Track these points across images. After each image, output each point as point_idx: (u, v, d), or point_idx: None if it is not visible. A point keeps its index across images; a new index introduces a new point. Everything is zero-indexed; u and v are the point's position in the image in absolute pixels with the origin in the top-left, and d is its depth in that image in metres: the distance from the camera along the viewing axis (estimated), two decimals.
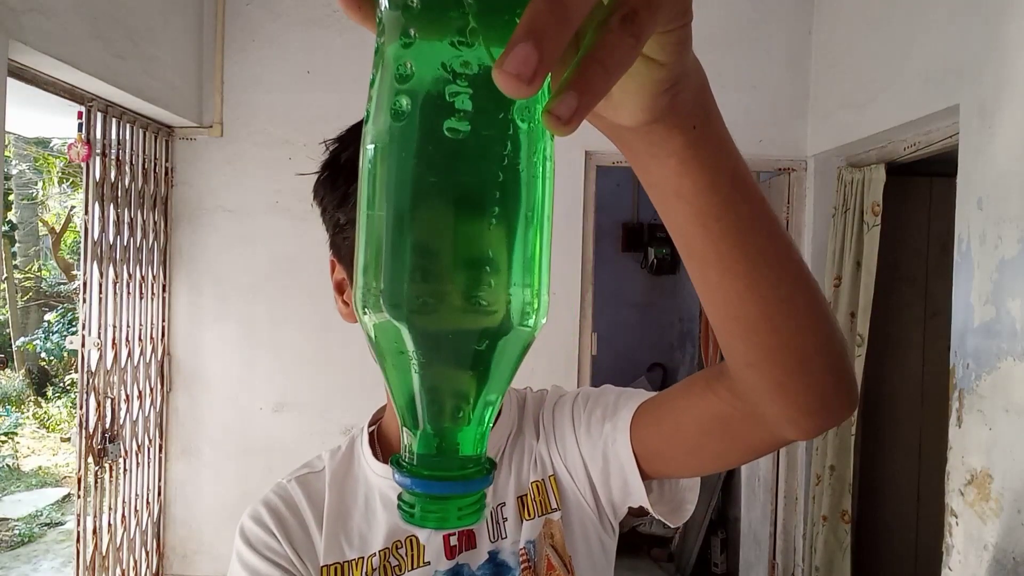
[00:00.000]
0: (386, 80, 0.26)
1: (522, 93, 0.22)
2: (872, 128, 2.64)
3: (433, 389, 0.27)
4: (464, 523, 0.28)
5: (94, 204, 2.65)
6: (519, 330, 0.27)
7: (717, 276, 0.44)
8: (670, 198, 0.40)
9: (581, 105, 0.24)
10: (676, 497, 0.74)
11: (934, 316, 3.08)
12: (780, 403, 0.51)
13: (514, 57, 0.22)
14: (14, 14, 1.99)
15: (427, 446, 0.28)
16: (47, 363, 8.25)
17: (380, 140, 0.26)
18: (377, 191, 0.26)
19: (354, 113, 2.04)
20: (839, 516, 2.86)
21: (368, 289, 0.26)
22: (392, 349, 0.27)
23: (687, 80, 0.34)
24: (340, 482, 0.78)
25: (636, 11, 0.25)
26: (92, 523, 2.66)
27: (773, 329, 0.46)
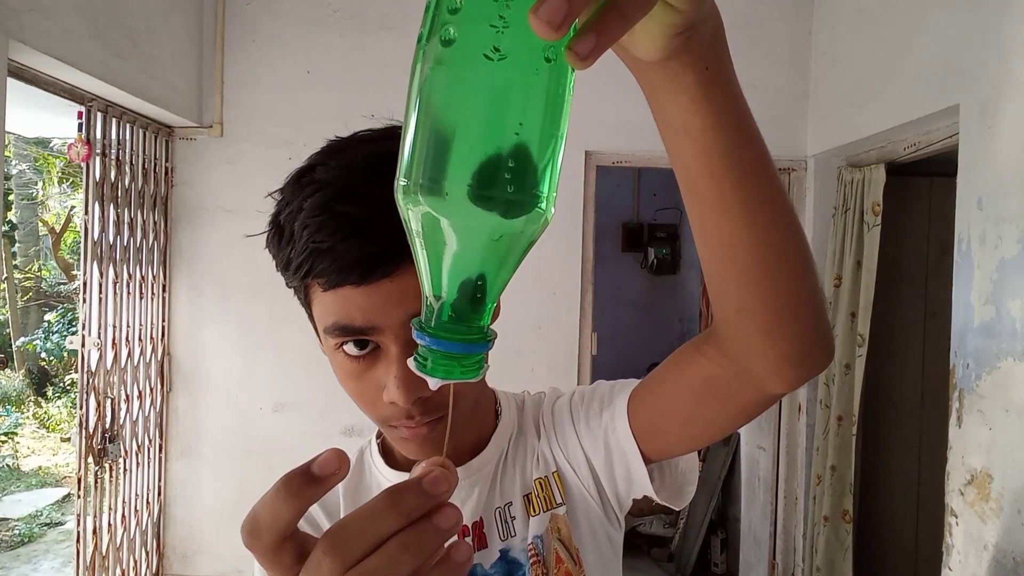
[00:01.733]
0: (440, 10, 0.30)
1: (551, 37, 0.26)
2: (872, 128, 2.64)
3: (458, 269, 0.33)
4: (466, 377, 0.34)
5: (94, 204, 2.65)
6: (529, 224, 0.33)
7: (716, 216, 0.47)
8: (680, 135, 0.43)
9: (598, 45, 0.28)
10: (677, 481, 0.76)
11: (934, 316, 3.08)
12: (766, 353, 0.55)
13: (547, 6, 0.26)
14: (14, 14, 1.99)
15: (446, 314, 0.34)
16: (47, 363, 8.25)
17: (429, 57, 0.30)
18: (420, 100, 0.31)
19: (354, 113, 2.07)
20: (840, 516, 2.86)
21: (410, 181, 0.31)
22: (427, 233, 0.32)
23: (702, 25, 0.37)
24: (353, 491, 0.79)
25: None
26: (92, 523, 2.66)
27: (765, 272, 0.49)
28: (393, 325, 0.60)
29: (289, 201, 0.65)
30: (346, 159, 0.63)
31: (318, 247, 0.60)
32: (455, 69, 0.30)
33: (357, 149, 0.64)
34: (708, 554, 4.00)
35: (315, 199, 0.61)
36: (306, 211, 0.61)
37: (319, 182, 0.62)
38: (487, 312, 0.35)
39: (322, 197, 0.61)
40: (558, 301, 3.15)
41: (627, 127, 3.12)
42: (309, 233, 0.61)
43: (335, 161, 0.63)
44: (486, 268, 0.33)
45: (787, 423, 3.26)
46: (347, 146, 0.65)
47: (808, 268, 0.51)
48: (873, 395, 3.06)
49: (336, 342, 0.63)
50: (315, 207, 0.61)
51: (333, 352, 0.65)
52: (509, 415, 0.82)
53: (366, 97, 3.10)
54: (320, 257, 0.60)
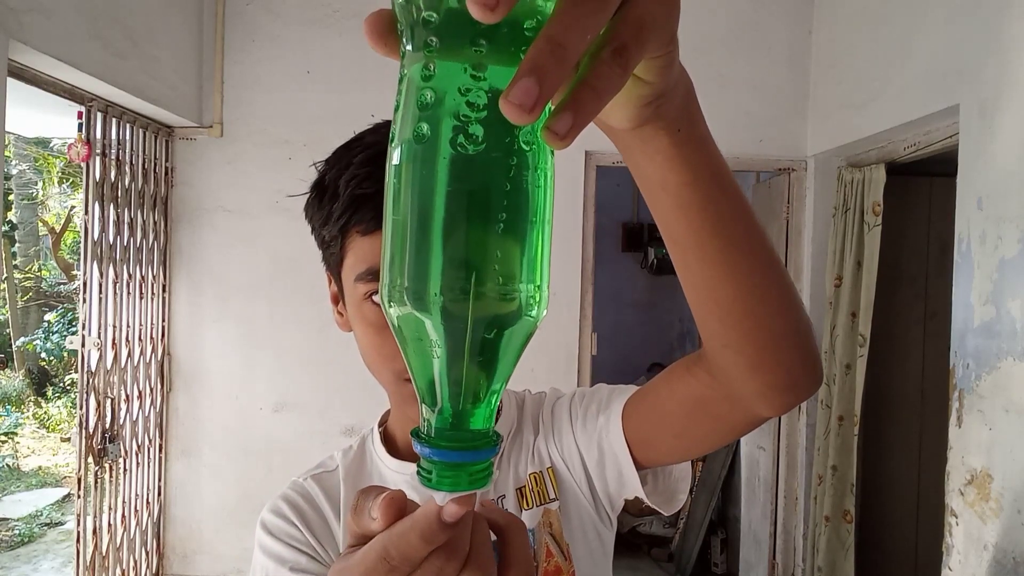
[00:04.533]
0: (409, 106, 0.30)
1: (524, 120, 0.26)
2: (872, 128, 2.64)
3: (449, 372, 0.32)
4: (475, 487, 0.33)
5: (94, 204, 2.65)
6: (524, 320, 0.31)
7: (696, 262, 0.49)
8: (657, 190, 0.45)
9: (575, 124, 0.27)
10: (669, 487, 0.77)
11: (934, 316, 3.08)
12: (754, 381, 0.56)
13: (518, 89, 0.26)
14: (14, 14, 1.99)
15: (443, 421, 0.32)
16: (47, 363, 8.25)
17: (404, 158, 0.30)
18: (401, 201, 0.30)
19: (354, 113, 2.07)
20: (841, 516, 2.86)
21: (394, 284, 0.30)
22: (414, 337, 0.31)
23: (672, 92, 0.38)
24: (354, 477, 0.81)
25: (626, 45, 0.29)
26: (92, 523, 2.66)
27: (747, 312, 0.51)
28: None
29: (336, 163, 0.70)
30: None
31: (363, 193, 0.65)
32: (429, 165, 0.29)
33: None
34: (708, 554, 4.00)
35: (362, 156, 0.66)
36: (353, 166, 0.66)
37: (367, 144, 0.67)
38: (490, 414, 0.33)
39: (371, 152, 0.66)
40: (558, 301, 3.15)
41: None
42: (356, 183, 0.66)
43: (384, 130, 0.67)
44: (483, 369, 0.32)
45: (787, 423, 3.26)
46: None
47: (791, 305, 0.52)
48: (873, 395, 3.06)
49: (366, 290, 0.67)
50: (362, 162, 0.66)
51: (360, 304, 0.69)
52: (509, 412, 0.84)
53: (366, 97, 3.09)
54: (363, 203, 0.65)
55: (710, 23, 3.14)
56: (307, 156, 3.18)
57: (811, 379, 0.56)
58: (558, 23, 0.26)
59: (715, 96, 3.10)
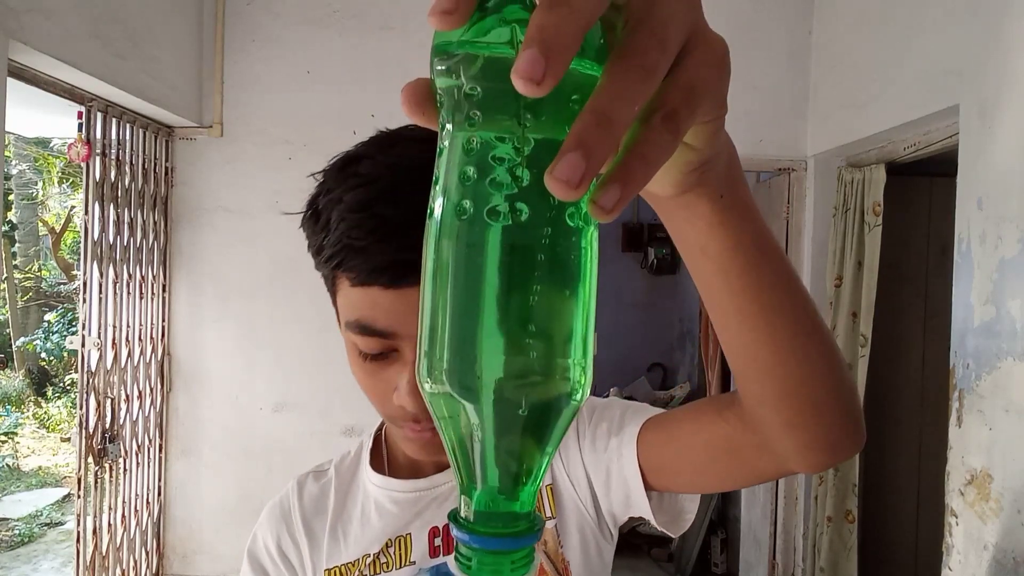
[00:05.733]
0: (450, 180, 0.28)
1: (571, 197, 0.24)
2: (872, 128, 2.64)
3: (489, 456, 0.30)
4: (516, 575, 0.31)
5: (94, 204, 2.65)
6: (572, 403, 0.30)
7: (737, 325, 0.48)
8: (697, 255, 0.44)
9: (623, 196, 0.26)
10: (676, 507, 0.75)
11: (934, 316, 3.08)
12: (790, 439, 0.54)
13: (564, 164, 0.24)
14: (14, 14, 1.99)
15: (482, 505, 0.31)
16: (47, 363, 8.25)
17: (445, 234, 0.28)
18: (438, 277, 0.29)
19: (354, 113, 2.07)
20: (843, 516, 2.86)
21: (433, 364, 0.29)
22: (451, 419, 0.30)
23: (717, 158, 0.37)
24: (345, 488, 0.81)
25: (677, 110, 0.27)
26: (92, 523, 2.66)
27: (787, 374, 0.50)
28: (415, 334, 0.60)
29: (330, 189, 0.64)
30: (394, 156, 0.61)
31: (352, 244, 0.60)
32: (472, 242, 0.28)
33: (407, 147, 0.62)
34: (708, 554, 4.00)
35: (356, 194, 0.60)
36: (346, 204, 0.61)
37: (363, 176, 0.61)
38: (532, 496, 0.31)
39: (363, 193, 0.60)
40: None
41: None
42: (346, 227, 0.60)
43: (382, 156, 0.62)
44: (527, 454, 0.30)
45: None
46: (396, 141, 0.64)
47: (833, 367, 0.51)
48: (873, 395, 3.06)
49: (355, 340, 0.64)
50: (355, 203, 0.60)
51: (350, 347, 0.66)
52: None
53: (366, 97, 3.10)
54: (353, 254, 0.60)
55: (710, 23, 3.13)
56: (307, 156, 3.18)
57: (852, 440, 0.55)
58: (605, 94, 0.25)
59: None
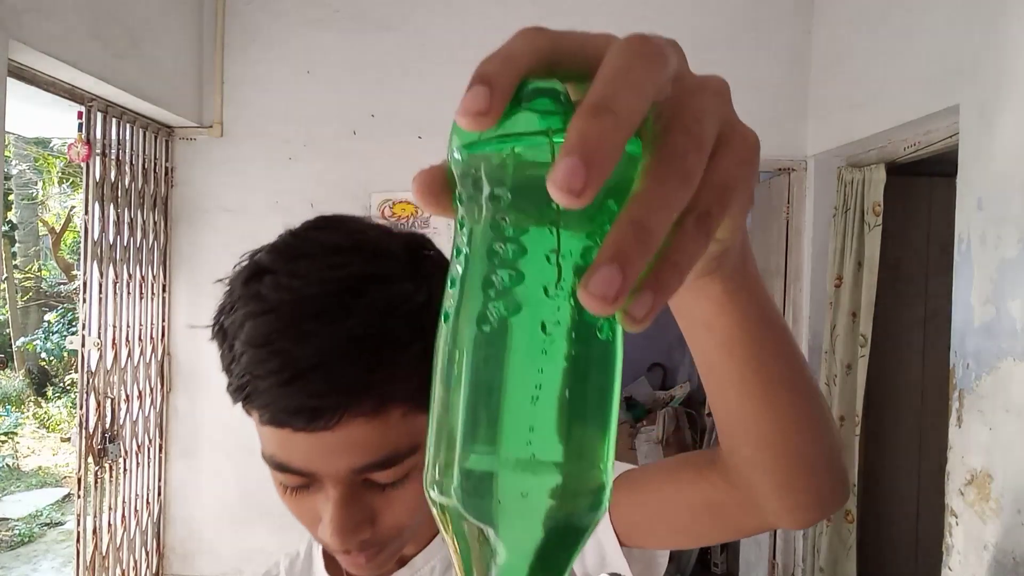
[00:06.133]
0: (471, 287, 0.26)
1: (606, 312, 0.23)
2: (872, 128, 2.64)
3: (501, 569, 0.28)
4: None
5: (94, 204, 2.65)
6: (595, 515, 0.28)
7: (736, 396, 0.47)
8: (701, 331, 0.43)
9: (655, 305, 0.24)
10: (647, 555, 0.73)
11: (934, 316, 3.08)
12: (780, 500, 0.55)
13: (599, 279, 0.22)
14: (14, 14, 1.99)
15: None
16: (47, 363, 8.25)
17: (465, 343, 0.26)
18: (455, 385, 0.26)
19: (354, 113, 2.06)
20: (843, 516, 2.86)
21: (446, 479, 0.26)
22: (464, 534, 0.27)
23: (734, 246, 0.36)
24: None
25: (710, 212, 0.26)
26: (92, 523, 2.66)
27: (784, 441, 0.50)
28: (332, 473, 0.56)
29: (234, 306, 0.59)
30: (299, 276, 0.56)
31: (256, 383, 0.55)
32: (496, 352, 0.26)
33: (314, 263, 0.56)
34: (708, 554, 4.00)
35: (257, 324, 0.55)
36: (247, 333, 0.56)
37: (265, 300, 0.56)
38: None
39: (265, 325, 0.55)
40: None
41: None
42: (248, 362, 0.55)
43: (286, 276, 0.56)
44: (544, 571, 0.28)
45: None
46: (306, 251, 0.58)
47: (827, 431, 0.52)
48: (873, 395, 3.06)
49: (273, 472, 0.59)
50: (256, 336, 0.55)
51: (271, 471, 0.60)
52: None
53: (366, 97, 3.10)
54: (258, 393, 0.56)
55: (710, 23, 3.14)
56: (307, 156, 3.18)
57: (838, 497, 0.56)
58: (644, 203, 0.23)
59: None
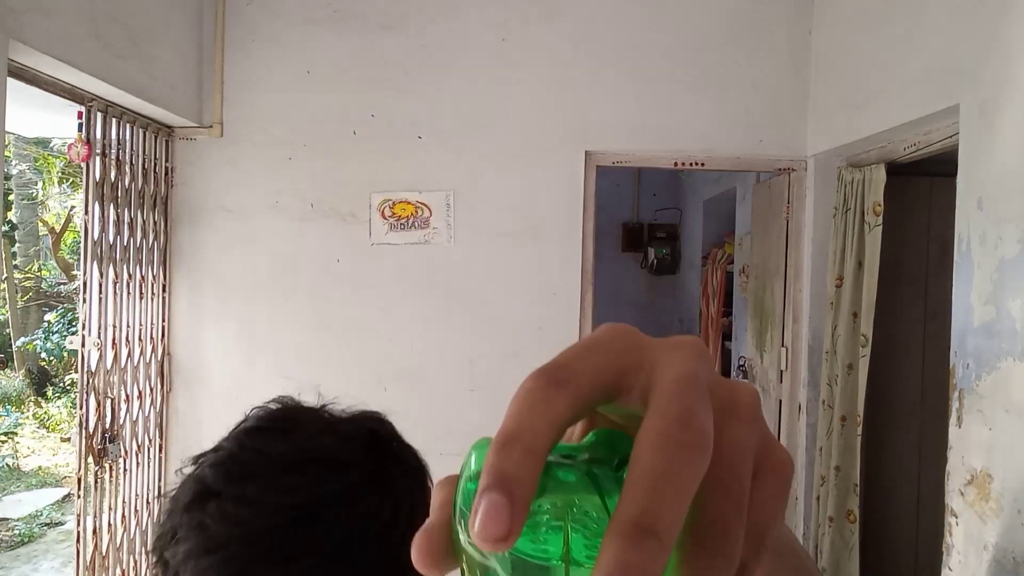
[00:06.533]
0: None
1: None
2: (872, 128, 2.64)
3: None
4: None
5: (94, 204, 2.65)
6: None
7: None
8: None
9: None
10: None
11: (934, 316, 3.08)
12: None
13: None
14: (14, 14, 1.99)
15: None
16: (47, 363, 8.25)
17: None
18: None
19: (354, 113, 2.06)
20: (845, 516, 2.86)
21: None
22: None
23: None
24: None
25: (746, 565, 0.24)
26: (92, 523, 2.66)
27: None
28: None
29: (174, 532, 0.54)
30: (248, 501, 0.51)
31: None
32: None
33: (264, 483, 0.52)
34: None
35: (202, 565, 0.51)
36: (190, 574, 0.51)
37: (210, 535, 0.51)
38: None
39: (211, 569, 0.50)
40: (558, 301, 3.15)
41: (627, 127, 3.12)
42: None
43: (233, 506, 0.51)
44: None
45: (787, 423, 3.25)
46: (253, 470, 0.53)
47: None
48: (873, 395, 3.06)
49: None
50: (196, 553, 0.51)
51: None
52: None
53: (366, 97, 3.10)
54: None
55: (710, 23, 3.14)
56: (307, 156, 3.19)
57: None
58: None
59: (715, 96, 3.10)
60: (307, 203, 3.12)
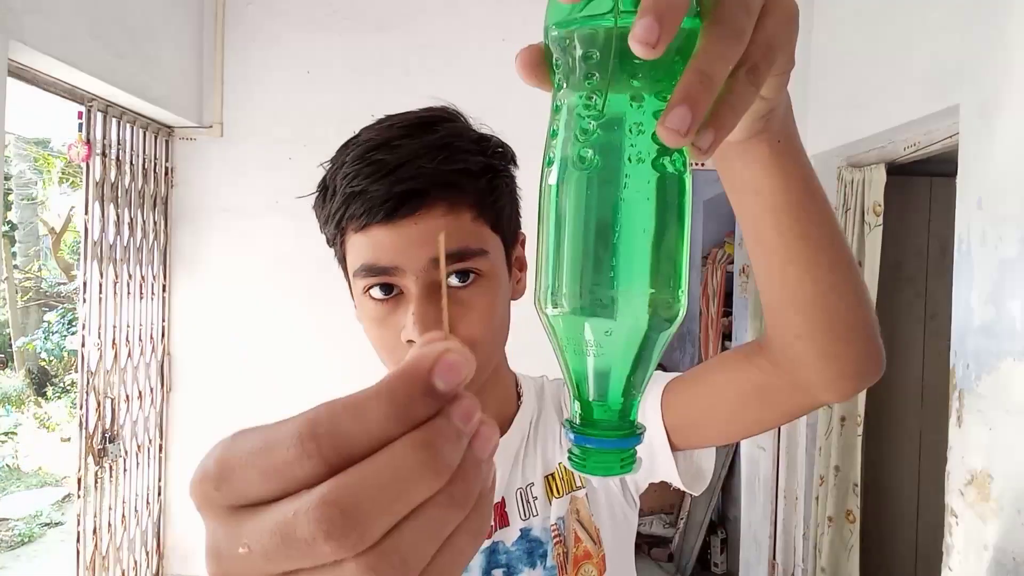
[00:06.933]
0: (570, 133, 0.33)
1: (680, 144, 0.29)
2: (872, 128, 2.64)
3: (601, 369, 0.35)
4: (624, 471, 0.36)
5: (94, 204, 2.65)
6: (673, 322, 0.34)
7: (781, 261, 0.52)
8: (750, 195, 0.49)
9: (716, 139, 0.31)
10: (694, 466, 0.79)
11: (934, 316, 3.08)
12: (824, 370, 0.59)
13: (674, 117, 0.28)
14: (14, 14, 1.99)
15: (594, 412, 0.36)
16: (47, 363, 8.25)
17: (566, 180, 0.33)
18: (561, 218, 0.33)
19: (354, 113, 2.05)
20: (844, 516, 2.86)
21: (557, 291, 0.33)
22: (572, 339, 0.34)
23: (780, 107, 0.42)
24: None
25: (758, 66, 0.32)
26: (92, 523, 2.66)
27: (826, 306, 0.55)
28: (415, 267, 0.65)
29: (334, 162, 0.72)
30: (389, 121, 0.70)
31: (353, 190, 0.66)
32: (592, 186, 0.32)
33: (404, 115, 0.71)
34: (708, 554, 4.00)
35: (356, 151, 0.68)
36: (347, 163, 0.68)
37: (361, 140, 0.69)
38: (636, 406, 0.36)
39: (362, 149, 0.68)
40: None
41: None
42: (347, 180, 0.67)
43: (378, 125, 0.71)
44: (628, 367, 0.35)
45: (787, 423, 3.25)
46: (395, 115, 0.72)
47: (863, 298, 0.56)
48: (873, 395, 3.06)
49: (364, 285, 0.68)
50: (355, 158, 0.68)
51: (361, 298, 0.70)
52: (530, 398, 0.86)
53: (366, 97, 3.09)
54: (354, 199, 0.66)
55: None
56: (307, 156, 3.17)
57: (876, 367, 0.60)
58: (705, 56, 0.29)
59: None
60: (307, 203, 3.11)
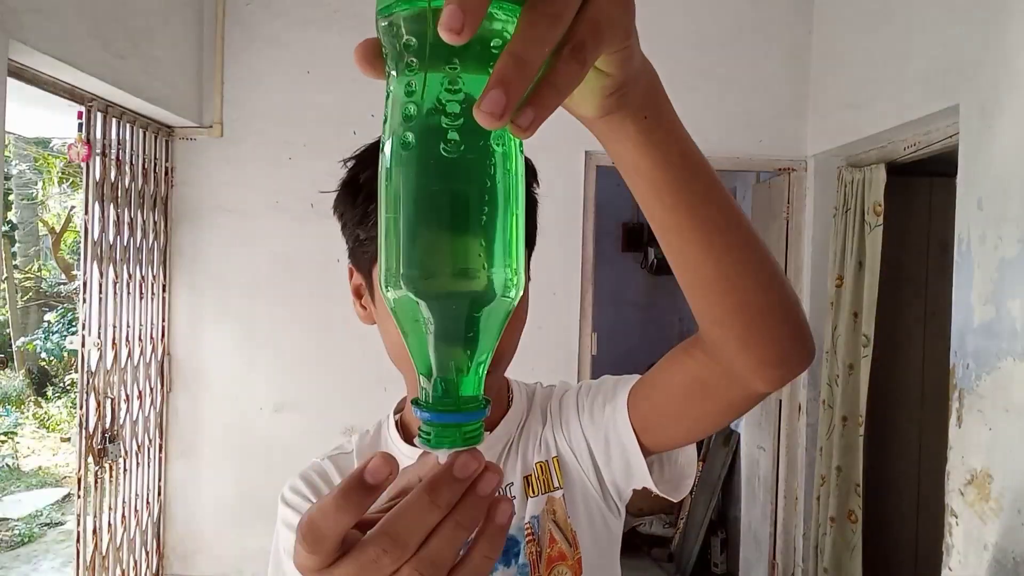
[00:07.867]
0: (395, 118, 0.34)
1: (495, 126, 0.30)
2: (872, 128, 2.64)
3: (440, 347, 0.36)
4: (469, 443, 0.37)
5: (94, 204, 2.65)
6: (502, 299, 0.35)
7: (677, 242, 0.52)
8: (632, 174, 0.49)
9: (536, 117, 0.31)
10: (676, 473, 0.79)
11: (934, 316, 3.08)
12: (746, 357, 0.58)
13: (488, 100, 0.29)
14: (14, 14, 1.99)
15: (438, 390, 0.37)
16: (47, 363, 8.25)
17: (392, 163, 0.34)
18: (392, 200, 0.34)
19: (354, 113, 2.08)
20: (846, 516, 2.86)
21: (390, 271, 0.35)
22: (410, 318, 0.36)
23: (634, 82, 0.41)
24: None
25: (583, 44, 0.32)
26: (92, 523, 2.66)
27: (730, 288, 0.54)
28: None
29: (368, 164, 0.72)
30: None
31: None
32: (415, 168, 0.33)
33: None
34: (708, 554, 4.00)
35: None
36: None
37: None
38: (478, 382, 0.38)
39: None
40: (558, 301, 3.15)
41: None
42: None
43: None
44: (467, 343, 0.36)
45: (787, 423, 3.25)
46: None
47: (774, 280, 0.55)
48: (873, 395, 3.06)
49: None
50: None
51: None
52: (520, 403, 0.87)
53: (366, 97, 3.09)
54: None
55: (710, 23, 3.14)
56: (307, 156, 3.18)
57: (802, 353, 0.58)
58: (520, 39, 0.30)
59: (715, 96, 3.10)
60: (307, 203, 3.11)
